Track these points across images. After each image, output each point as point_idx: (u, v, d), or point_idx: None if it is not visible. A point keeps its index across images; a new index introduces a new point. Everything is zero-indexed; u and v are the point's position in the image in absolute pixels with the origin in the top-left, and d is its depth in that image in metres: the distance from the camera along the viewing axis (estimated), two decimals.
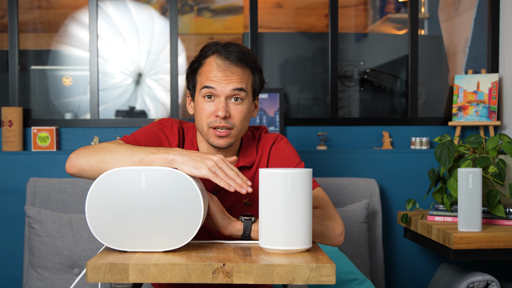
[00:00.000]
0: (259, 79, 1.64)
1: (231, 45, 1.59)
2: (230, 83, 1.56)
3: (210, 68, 1.57)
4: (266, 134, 1.74)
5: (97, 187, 1.31)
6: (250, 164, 1.67)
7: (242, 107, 1.59)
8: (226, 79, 1.56)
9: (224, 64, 1.57)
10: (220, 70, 1.56)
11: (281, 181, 1.28)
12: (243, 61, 1.58)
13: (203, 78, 1.58)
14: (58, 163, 2.57)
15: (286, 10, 3.65)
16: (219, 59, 1.57)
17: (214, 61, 1.58)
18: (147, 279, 1.22)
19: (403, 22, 3.54)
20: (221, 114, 1.55)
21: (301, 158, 1.84)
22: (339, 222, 1.56)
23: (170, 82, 2.76)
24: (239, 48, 1.59)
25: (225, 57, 1.57)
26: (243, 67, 1.58)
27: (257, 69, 1.64)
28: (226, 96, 1.56)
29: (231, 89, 1.56)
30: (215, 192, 1.64)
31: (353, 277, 2.21)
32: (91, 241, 2.26)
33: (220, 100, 1.56)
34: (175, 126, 1.69)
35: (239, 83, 1.56)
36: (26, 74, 3.04)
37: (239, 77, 1.57)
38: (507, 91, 2.67)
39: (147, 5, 3.43)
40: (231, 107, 1.57)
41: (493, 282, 2.01)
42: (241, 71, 1.58)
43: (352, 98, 3.21)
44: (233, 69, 1.57)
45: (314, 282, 1.22)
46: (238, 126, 1.59)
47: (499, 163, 2.00)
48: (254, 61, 1.62)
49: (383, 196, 2.66)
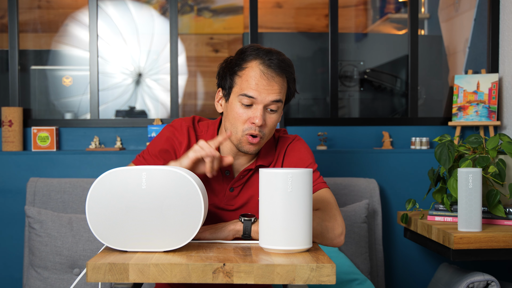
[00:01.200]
0: (292, 89, 1.66)
1: (274, 53, 1.60)
2: (270, 93, 1.57)
3: (253, 74, 1.57)
4: (284, 135, 1.77)
5: (97, 187, 1.31)
6: (268, 163, 1.70)
7: (276, 116, 1.61)
8: (268, 88, 1.57)
9: (267, 71, 1.57)
10: (264, 78, 1.57)
11: (281, 181, 1.28)
12: (284, 70, 1.59)
13: (244, 83, 1.58)
14: (58, 163, 2.58)
15: (286, 10, 3.65)
16: (263, 66, 1.58)
17: (257, 67, 1.58)
18: (147, 279, 1.22)
19: (403, 22, 3.54)
20: (258, 122, 1.56)
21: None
22: (340, 223, 1.57)
23: (170, 82, 2.76)
24: (280, 57, 1.60)
25: (268, 65, 1.57)
26: (282, 76, 1.60)
27: (293, 79, 1.65)
28: (265, 105, 1.58)
29: (271, 100, 1.57)
30: (232, 189, 1.66)
31: (353, 277, 2.21)
32: (91, 241, 2.26)
33: (258, 108, 1.57)
34: (184, 125, 1.70)
35: (278, 95, 1.58)
36: (26, 74, 3.04)
37: (279, 87, 1.59)
38: (507, 91, 2.67)
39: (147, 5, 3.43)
40: (267, 115, 1.59)
41: (493, 282, 2.01)
42: (281, 80, 1.59)
43: (352, 98, 3.21)
44: (276, 78, 1.58)
45: (314, 282, 1.22)
46: (267, 135, 1.62)
47: (499, 163, 2.00)
48: (292, 71, 1.64)
49: (383, 196, 2.66)
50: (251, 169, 1.67)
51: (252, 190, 1.67)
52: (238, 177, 1.66)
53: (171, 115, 2.77)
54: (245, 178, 1.67)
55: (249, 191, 1.67)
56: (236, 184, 1.67)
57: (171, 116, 2.77)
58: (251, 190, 1.67)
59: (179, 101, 2.78)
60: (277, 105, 1.59)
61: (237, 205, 1.67)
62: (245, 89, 1.57)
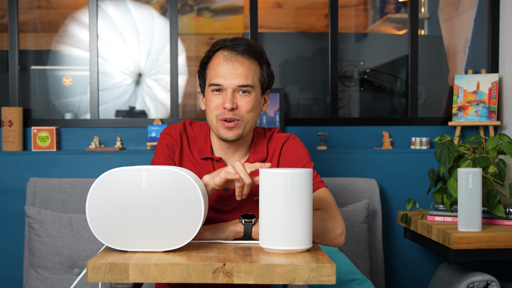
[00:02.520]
0: (267, 73, 1.66)
1: (239, 38, 1.63)
2: (236, 77, 1.59)
3: (217, 61, 1.61)
4: (278, 134, 1.77)
5: (97, 187, 1.31)
6: (261, 161, 1.69)
7: (249, 98, 1.61)
8: (232, 71, 1.59)
9: (230, 55, 1.60)
10: (227, 62, 1.59)
11: (281, 181, 1.28)
12: (250, 52, 1.61)
13: (211, 73, 1.62)
14: (58, 163, 2.57)
15: (286, 10, 3.65)
16: (226, 51, 1.61)
17: (221, 53, 1.62)
18: (147, 279, 1.22)
19: (403, 22, 3.54)
20: (228, 106, 1.58)
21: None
22: (340, 223, 1.57)
23: (170, 82, 2.76)
24: (246, 41, 1.63)
25: (232, 48, 1.61)
26: (249, 58, 1.61)
27: (264, 61, 1.66)
28: (233, 89, 1.60)
29: (237, 84, 1.59)
30: (226, 189, 1.67)
31: (353, 277, 2.21)
32: (91, 241, 2.26)
33: (227, 92, 1.60)
34: (176, 130, 1.71)
35: (245, 79, 1.59)
36: (26, 74, 3.04)
37: (245, 70, 1.60)
38: (507, 91, 2.67)
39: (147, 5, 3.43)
40: (238, 98, 1.61)
41: (493, 282, 2.01)
42: (248, 62, 1.61)
43: (352, 98, 3.21)
44: (240, 59, 1.60)
45: (314, 282, 1.22)
46: (246, 117, 1.62)
47: (499, 163, 2.00)
48: (261, 52, 1.65)
49: (383, 196, 2.66)
50: None
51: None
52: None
53: (171, 115, 2.77)
54: None
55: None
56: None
57: (171, 116, 2.77)
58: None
59: (179, 101, 2.78)
60: (247, 89, 1.60)
61: (233, 206, 1.66)
62: (212, 79, 1.62)
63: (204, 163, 1.69)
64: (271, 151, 1.72)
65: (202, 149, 1.70)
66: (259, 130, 1.76)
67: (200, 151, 1.70)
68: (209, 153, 1.69)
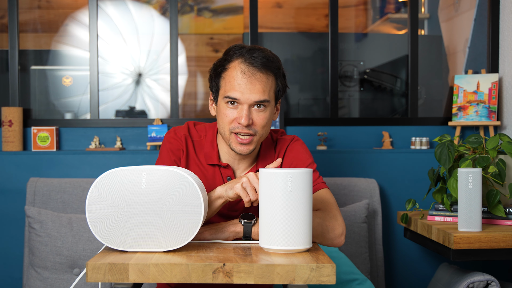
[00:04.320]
0: (281, 84, 1.63)
1: (256, 50, 1.58)
2: (253, 93, 1.55)
3: (234, 74, 1.57)
4: (283, 136, 1.76)
5: (97, 187, 1.31)
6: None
7: (265, 114, 1.59)
8: (250, 87, 1.55)
9: (248, 70, 1.56)
10: (245, 77, 1.55)
11: (281, 181, 1.28)
12: (268, 67, 1.57)
13: (227, 85, 1.58)
14: (58, 163, 2.58)
15: (286, 10, 3.65)
16: (244, 64, 1.56)
17: (238, 66, 1.57)
18: (147, 279, 1.22)
19: (403, 22, 3.54)
20: (244, 122, 1.55)
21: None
22: (340, 223, 1.57)
23: (170, 82, 2.76)
24: (264, 53, 1.58)
25: (250, 63, 1.56)
26: (267, 73, 1.57)
27: (281, 74, 1.63)
28: (250, 104, 1.56)
29: (254, 100, 1.56)
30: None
31: (353, 277, 2.21)
32: (91, 241, 2.26)
33: (243, 107, 1.56)
34: (181, 134, 1.69)
35: (262, 94, 1.56)
36: (26, 74, 3.04)
37: (263, 85, 1.56)
38: (507, 91, 2.67)
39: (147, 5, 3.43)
40: (254, 114, 1.58)
41: (493, 282, 2.01)
42: (265, 77, 1.57)
43: (352, 98, 3.21)
44: (258, 75, 1.56)
45: (314, 282, 1.22)
46: (260, 132, 1.60)
47: (499, 163, 2.00)
48: (279, 66, 1.61)
49: (383, 196, 2.66)
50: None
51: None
52: None
53: (171, 115, 2.77)
54: None
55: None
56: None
57: (171, 116, 2.77)
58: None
59: (179, 101, 2.78)
60: (263, 104, 1.57)
61: (240, 211, 1.66)
62: (228, 91, 1.57)
63: (211, 169, 1.67)
64: (277, 154, 1.72)
65: (209, 154, 1.67)
66: (267, 136, 1.75)
67: (207, 157, 1.67)
68: (216, 159, 1.67)
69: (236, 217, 1.65)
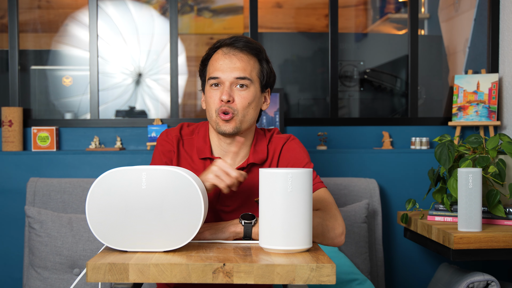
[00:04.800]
0: (266, 70, 1.68)
1: (238, 36, 1.66)
2: (234, 70, 1.61)
3: (216, 57, 1.64)
4: (278, 135, 1.76)
5: (97, 187, 1.31)
6: (261, 161, 1.69)
7: (247, 93, 1.62)
8: (230, 65, 1.61)
9: (229, 51, 1.63)
10: (226, 57, 1.62)
11: (281, 181, 1.28)
12: (248, 47, 1.64)
13: (210, 68, 1.65)
14: (58, 163, 2.58)
15: (286, 10, 3.65)
16: (225, 47, 1.64)
17: (221, 50, 1.65)
18: (147, 279, 1.22)
19: (403, 22, 3.54)
20: (225, 98, 1.59)
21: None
22: (340, 223, 1.57)
23: (170, 82, 2.76)
24: (245, 38, 1.66)
25: (230, 44, 1.64)
26: (248, 53, 1.64)
27: (264, 58, 1.68)
28: (231, 82, 1.61)
29: (234, 77, 1.61)
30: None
31: (353, 277, 2.21)
32: (91, 241, 2.26)
33: (225, 85, 1.61)
34: (173, 135, 1.72)
35: (242, 72, 1.61)
36: (26, 74, 3.04)
37: (243, 64, 1.62)
38: (507, 91, 2.67)
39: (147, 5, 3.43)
40: (236, 92, 1.62)
41: (493, 282, 2.01)
42: (246, 57, 1.63)
43: (352, 98, 3.21)
44: (238, 55, 1.62)
45: (314, 282, 1.22)
46: (241, 112, 1.62)
47: (499, 163, 2.00)
48: (259, 49, 1.66)
49: (383, 196, 2.66)
50: (243, 168, 1.67)
51: (247, 189, 1.66)
52: None
53: (171, 115, 2.77)
54: None
55: (244, 190, 1.66)
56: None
57: (171, 116, 2.77)
58: (246, 190, 1.66)
59: (179, 101, 2.78)
60: (244, 82, 1.61)
61: (233, 206, 1.66)
62: (211, 73, 1.64)
63: (203, 163, 1.68)
64: (271, 152, 1.72)
65: (201, 149, 1.69)
66: (260, 131, 1.76)
67: (199, 151, 1.69)
68: (208, 153, 1.68)
69: (229, 213, 1.65)
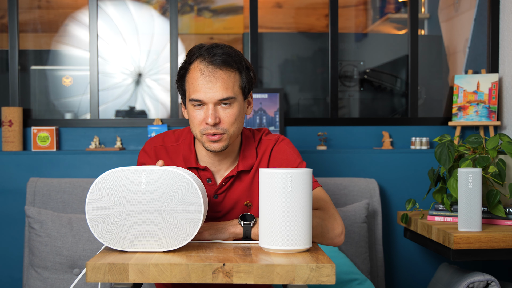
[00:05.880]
0: (246, 78, 1.60)
1: (215, 47, 1.56)
2: (216, 91, 1.53)
3: (195, 75, 1.55)
4: (267, 136, 1.72)
5: (97, 187, 1.31)
6: (249, 167, 1.66)
7: (232, 110, 1.56)
8: (211, 86, 1.53)
9: (207, 69, 1.54)
10: (204, 76, 1.53)
11: (281, 181, 1.28)
12: (227, 63, 1.55)
13: (190, 87, 1.57)
14: (58, 163, 2.57)
15: (286, 10, 3.65)
16: (203, 64, 1.55)
17: (198, 66, 1.56)
18: (147, 279, 1.22)
19: (403, 22, 3.54)
20: (211, 121, 1.53)
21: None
22: (339, 222, 1.57)
23: (170, 82, 2.76)
24: (223, 50, 1.56)
25: (209, 61, 1.54)
26: (227, 69, 1.55)
27: (244, 67, 1.60)
28: (214, 103, 1.54)
29: (217, 99, 1.54)
30: (216, 196, 1.64)
31: (353, 277, 2.21)
32: (91, 241, 2.26)
33: (209, 107, 1.54)
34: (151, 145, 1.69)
35: (224, 91, 1.54)
36: (26, 74, 3.04)
37: (224, 82, 1.54)
38: (507, 91, 2.67)
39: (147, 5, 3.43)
40: (221, 112, 1.56)
41: (493, 282, 2.01)
42: (226, 74, 1.55)
43: (352, 98, 3.21)
44: (217, 73, 1.54)
45: (314, 282, 1.22)
46: (230, 130, 1.57)
47: (499, 163, 2.00)
48: (239, 60, 1.58)
49: (383, 196, 2.66)
50: (232, 176, 1.65)
51: (236, 195, 1.65)
52: (221, 184, 1.65)
53: (171, 115, 2.77)
54: (227, 184, 1.65)
55: (233, 196, 1.65)
56: (220, 191, 1.65)
57: (171, 116, 2.77)
58: (235, 195, 1.65)
59: (179, 101, 2.78)
60: (229, 101, 1.55)
61: (223, 212, 1.65)
62: (191, 93, 1.56)
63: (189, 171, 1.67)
64: (260, 155, 1.68)
65: (187, 157, 1.66)
66: (248, 133, 1.72)
67: (185, 160, 1.66)
68: (193, 162, 1.65)
69: (220, 218, 1.64)
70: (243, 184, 1.65)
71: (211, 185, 1.65)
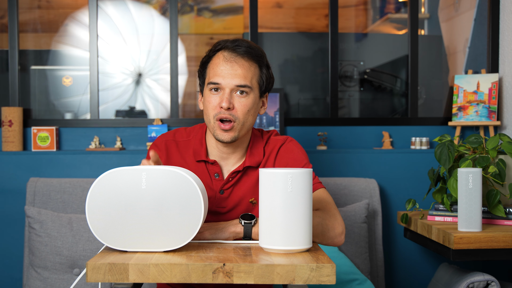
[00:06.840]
0: (266, 76, 1.66)
1: (240, 40, 1.63)
2: (234, 77, 1.59)
3: (217, 61, 1.62)
4: (275, 136, 1.76)
5: (97, 187, 1.31)
6: (257, 164, 1.68)
7: (247, 100, 1.61)
8: (231, 72, 1.59)
9: (230, 56, 1.61)
10: (227, 62, 1.60)
11: (281, 181, 1.28)
12: (250, 54, 1.61)
13: (211, 72, 1.63)
14: (58, 163, 2.57)
15: (286, 10, 3.65)
16: (227, 51, 1.62)
17: (221, 54, 1.62)
18: (147, 279, 1.22)
19: (403, 22, 3.54)
20: (225, 105, 1.58)
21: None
22: (340, 222, 1.57)
23: (170, 82, 2.76)
24: (247, 43, 1.63)
25: (232, 49, 1.61)
26: (249, 59, 1.61)
27: (264, 64, 1.66)
28: (231, 89, 1.60)
29: (235, 84, 1.59)
30: (222, 191, 1.66)
31: (353, 277, 2.21)
32: (91, 241, 2.26)
33: (225, 92, 1.60)
34: (163, 139, 1.72)
35: (243, 79, 1.59)
36: (26, 74, 3.04)
37: (244, 71, 1.60)
38: (507, 91, 2.67)
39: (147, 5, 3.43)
40: (236, 99, 1.61)
41: (493, 282, 2.01)
42: (247, 64, 1.61)
43: (352, 98, 3.21)
44: (239, 61, 1.60)
45: (314, 282, 1.22)
46: (241, 119, 1.61)
47: (499, 163, 2.00)
48: (261, 55, 1.65)
49: (383, 196, 2.66)
50: (239, 171, 1.67)
51: (242, 191, 1.67)
52: (227, 179, 1.66)
53: (171, 115, 2.77)
54: (234, 180, 1.67)
55: (239, 192, 1.67)
56: (226, 187, 1.67)
57: (171, 116, 2.77)
58: (241, 192, 1.67)
59: (179, 101, 2.78)
60: (245, 89, 1.60)
61: (228, 207, 1.66)
62: (211, 78, 1.62)
63: (198, 166, 1.68)
64: (267, 154, 1.71)
65: (197, 151, 1.69)
66: (256, 133, 1.75)
67: (195, 153, 1.69)
68: (203, 155, 1.68)
69: (225, 214, 1.65)
70: (250, 181, 1.66)
71: (218, 180, 1.67)
